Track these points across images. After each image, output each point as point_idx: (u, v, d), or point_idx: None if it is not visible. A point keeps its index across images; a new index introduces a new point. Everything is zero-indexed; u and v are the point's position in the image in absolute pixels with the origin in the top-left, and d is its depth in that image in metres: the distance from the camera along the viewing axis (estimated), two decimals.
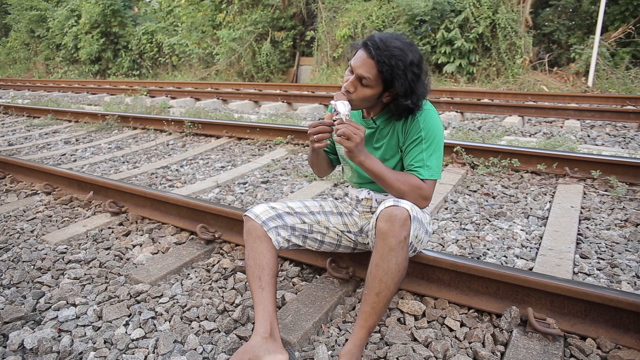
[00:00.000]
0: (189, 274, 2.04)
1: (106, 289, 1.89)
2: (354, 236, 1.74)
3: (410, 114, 1.50)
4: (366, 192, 1.69)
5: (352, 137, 1.37)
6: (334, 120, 1.42)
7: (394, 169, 1.57)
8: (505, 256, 2.10)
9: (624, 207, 2.67)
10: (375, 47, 1.39)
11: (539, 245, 2.21)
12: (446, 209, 2.73)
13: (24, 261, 2.15)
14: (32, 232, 2.54)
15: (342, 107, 1.41)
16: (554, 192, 2.94)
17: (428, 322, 1.62)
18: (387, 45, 1.38)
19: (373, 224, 1.44)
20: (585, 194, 2.90)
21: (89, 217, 2.73)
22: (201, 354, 1.48)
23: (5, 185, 3.46)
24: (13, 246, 2.34)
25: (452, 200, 2.87)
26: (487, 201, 2.83)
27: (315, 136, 1.45)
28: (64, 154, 4.61)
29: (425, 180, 1.48)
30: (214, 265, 2.10)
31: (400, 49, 1.39)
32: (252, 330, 1.48)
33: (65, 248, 2.32)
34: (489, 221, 2.52)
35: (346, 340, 1.51)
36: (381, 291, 1.34)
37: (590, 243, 2.23)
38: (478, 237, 2.31)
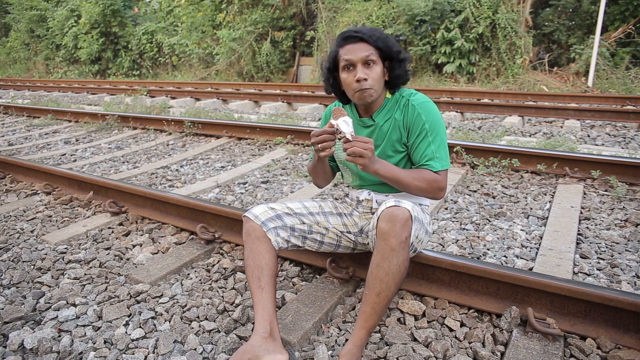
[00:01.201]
0: (189, 274, 2.04)
1: (106, 289, 1.89)
2: (354, 237, 1.74)
3: (404, 82, 1.58)
4: (367, 193, 1.69)
5: (364, 153, 1.37)
6: (339, 139, 1.40)
7: (396, 165, 1.58)
8: (505, 256, 2.10)
9: (624, 207, 2.67)
10: (357, 32, 1.50)
11: (539, 245, 2.21)
12: (446, 209, 2.73)
13: (24, 261, 2.15)
14: (32, 232, 2.54)
15: (345, 125, 1.38)
16: (554, 192, 2.94)
17: (428, 322, 1.62)
18: (361, 28, 1.52)
19: (374, 224, 1.44)
20: (585, 194, 2.90)
21: (89, 217, 2.73)
22: (201, 354, 1.48)
23: (5, 185, 3.46)
24: (13, 246, 2.34)
25: (452, 200, 2.87)
26: (487, 201, 2.83)
27: (319, 145, 1.44)
28: (64, 154, 4.61)
29: (438, 172, 1.52)
30: (214, 265, 2.10)
31: (368, 27, 1.54)
32: (252, 330, 1.48)
33: (65, 248, 2.32)
34: (489, 221, 2.52)
35: (346, 340, 1.51)
36: (382, 291, 1.34)
37: (590, 243, 2.23)
38: (478, 237, 2.31)
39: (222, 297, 1.81)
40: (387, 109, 1.61)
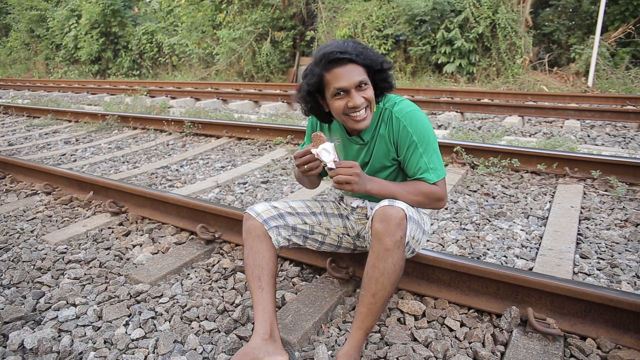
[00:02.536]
0: (189, 274, 2.04)
1: (106, 289, 1.89)
2: (352, 240, 1.74)
3: (389, 90, 1.48)
4: (360, 201, 1.68)
5: (350, 179, 1.34)
6: (324, 167, 1.36)
7: (386, 179, 1.55)
8: (505, 256, 2.10)
9: (624, 207, 2.67)
10: (344, 53, 1.35)
11: (539, 245, 2.21)
12: (446, 209, 2.73)
13: (24, 261, 2.15)
14: (32, 232, 2.54)
15: (326, 154, 1.33)
16: (554, 192, 2.94)
17: (428, 322, 1.62)
18: (344, 47, 1.37)
19: (369, 225, 1.43)
20: (585, 194, 2.90)
21: (89, 217, 2.73)
22: (201, 354, 1.48)
23: (5, 185, 3.46)
24: (13, 246, 2.34)
25: (452, 200, 2.87)
26: (487, 201, 2.83)
27: (305, 166, 1.39)
28: (64, 154, 4.61)
29: (435, 183, 1.48)
30: (214, 265, 2.10)
31: (350, 44, 1.39)
32: (252, 330, 1.48)
33: (65, 248, 2.32)
34: (489, 221, 2.52)
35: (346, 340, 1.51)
36: (377, 292, 1.34)
37: (590, 243, 2.23)
38: (478, 237, 2.31)
39: (222, 297, 1.81)
40: (373, 124, 1.54)
